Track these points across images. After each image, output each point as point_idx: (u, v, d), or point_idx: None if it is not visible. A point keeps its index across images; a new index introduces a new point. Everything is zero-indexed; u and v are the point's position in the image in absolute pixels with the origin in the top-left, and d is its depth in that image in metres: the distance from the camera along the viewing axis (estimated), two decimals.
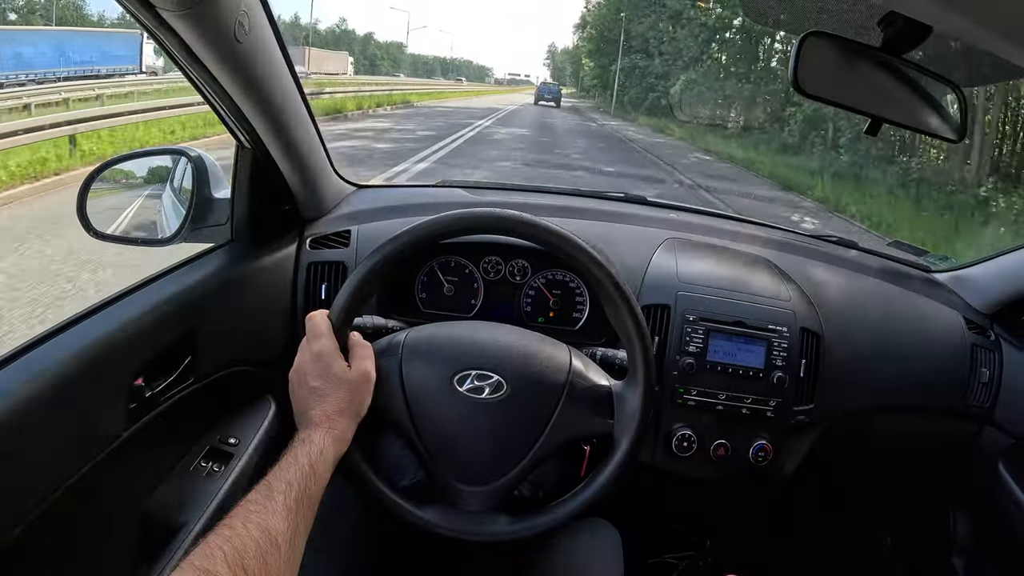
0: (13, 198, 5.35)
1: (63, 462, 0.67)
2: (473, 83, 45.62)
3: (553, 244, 0.77)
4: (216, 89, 0.80)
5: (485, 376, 0.76)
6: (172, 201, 1.07)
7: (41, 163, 6.02)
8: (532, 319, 1.14)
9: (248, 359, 0.99)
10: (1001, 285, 1.22)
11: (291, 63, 0.89)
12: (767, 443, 1.01)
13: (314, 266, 1.07)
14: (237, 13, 0.71)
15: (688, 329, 1.01)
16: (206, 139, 7.98)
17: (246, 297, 0.99)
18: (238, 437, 0.95)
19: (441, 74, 72.08)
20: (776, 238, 1.31)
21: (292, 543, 0.57)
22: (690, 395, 1.00)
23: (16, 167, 5.72)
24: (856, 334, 1.12)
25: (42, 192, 5.60)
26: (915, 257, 1.39)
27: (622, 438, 0.77)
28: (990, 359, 1.18)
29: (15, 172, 5.68)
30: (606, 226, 1.22)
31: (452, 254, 1.13)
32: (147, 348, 0.79)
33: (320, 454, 0.65)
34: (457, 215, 0.77)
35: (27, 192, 5.54)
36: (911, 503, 1.41)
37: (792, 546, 1.46)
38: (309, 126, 1.00)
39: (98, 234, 0.96)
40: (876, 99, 0.74)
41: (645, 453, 1.03)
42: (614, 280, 0.76)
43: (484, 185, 1.46)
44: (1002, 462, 1.17)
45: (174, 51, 0.72)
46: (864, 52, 0.69)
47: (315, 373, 0.71)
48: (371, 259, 0.75)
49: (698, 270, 1.10)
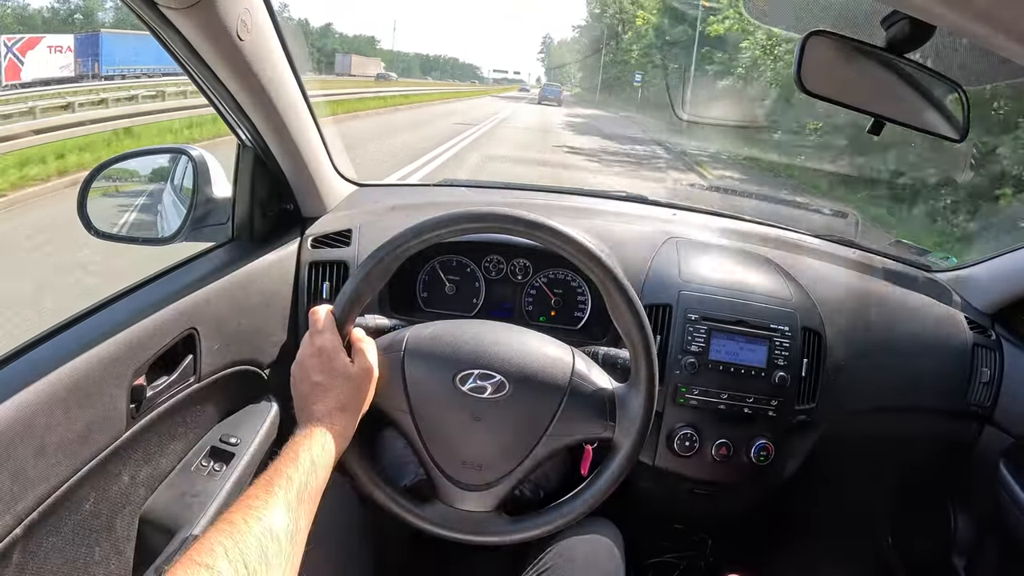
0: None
1: (64, 461, 0.67)
2: (441, 83, 43.81)
3: (556, 243, 0.77)
4: (217, 87, 0.80)
5: (488, 375, 0.76)
6: (173, 200, 1.07)
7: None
8: (534, 318, 1.14)
9: (249, 359, 0.99)
10: (1003, 285, 1.22)
11: (293, 61, 0.88)
12: (768, 443, 1.01)
13: (315, 265, 1.07)
14: (239, 11, 0.71)
15: (690, 328, 1.01)
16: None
17: (247, 296, 0.99)
18: (239, 437, 0.95)
19: (421, 73, 70.22)
20: (777, 237, 1.31)
21: (293, 538, 0.56)
22: (692, 395, 1.00)
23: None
24: (858, 334, 1.12)
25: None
26: (917, 257, 1.39)
27: (624, 441, 0.77)
28: (991, 359, 1.18)
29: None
30: (607, 225, 1.21)
31: (453, 253, 1.13)
32: (148, 348, 0.79)
33: (321, 450, 0.65)
34: (460, 213, 0.77)
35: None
36: (912, 503, 1.41)
37: (793, 546, 1.46)
38: (311, 125, 0.99)
39: (99, 233, 0.96)
40: (879, 98, 0.74)
41: (646, 453, 1.03)
42: (617, 280, 0.76)
43: (486, 184, 1.46)
44: (1003, 462, 1.17)
45: (176, 49, 0.72)
46: (867, 51, 0.69)
47: (317, 368, 0.71)
48: (375, 256, 0.75)
49: (700, 269, 1.09)
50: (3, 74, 14.80)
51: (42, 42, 16.41)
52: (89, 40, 17.77)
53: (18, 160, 6.25)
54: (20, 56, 15.48)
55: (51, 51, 16.51)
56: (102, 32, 18.38)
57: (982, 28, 0.44)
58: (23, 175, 5.99)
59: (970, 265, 1.31)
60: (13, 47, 15.41)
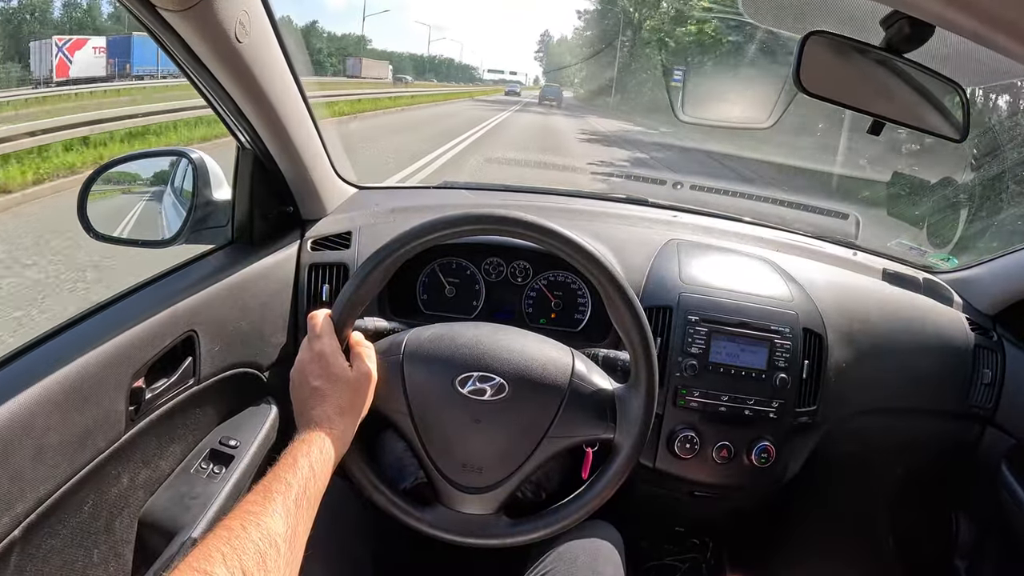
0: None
1: (63, 463, 0.67)
2: (420, 84, 43.08)
3: (556, 245, 0.77)
4: (216, 89, 0.80)
5: (487, 378, 0.75)
6: (173, 202, 1.07)
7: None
8: (534, 320, 1.14)
9: (249, 361, 0.98)
10: (1004, 286, 1.22)
11: (292, 63, 0.88)
12: (769, 444, 1.01)
13: (315, 267, 1.07)
14: (238, 13, 0.71)
15: (690, 330, 1.01)
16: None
17: (247, 299, 0.99)
18: (239, 439, 0.95)
19: (415, 74, 69.42)
20: (778, 239, 1.31)
21: (291, 544, 0.56)
22: (692, 396, 1.00)
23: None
24: (858, 335, 1.12)
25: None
26: (917, 258, 1.39)
27: (624, 443, 0.76)
28: (993, 360, 1.18)
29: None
30: (608, 227, 1.21)
31: (453, 255, 1.13)
32: (147, 350, 0.79)
33: (320, 454, 0.65)
34: (460, 215, 0.77)
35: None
36: (913, 504, 1.41)
37: (795, 548, 1.45)
38: (310, 127, 0.99)
39: (99, 235, 0.96)
40: (878, 98, 0.74)
41: (647, 455, 1.03)
42: (617, 282, 0.76)
43: (486, 186, 1.46)
44: (1004, 463, 1.16)
45: (174, 51, 0.72)
46: (866, 51, 0.69)
47: (316, 372, 0.71)
48: (373, 259, 0.75)
49: (700, 271, 1.09)
50: (54, 72, 16.49)
51: (88, 43, 17.94)
52: (120, 42, 18.87)
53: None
54: (69, 56, 17.10)
55: (95, 52, 18.10)
56: (134, 35, 19.30)
57: (982, 28, 0.44)
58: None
59: (971, 266, 1.31)
60: (64, 47, 17.08)
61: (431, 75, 76.63)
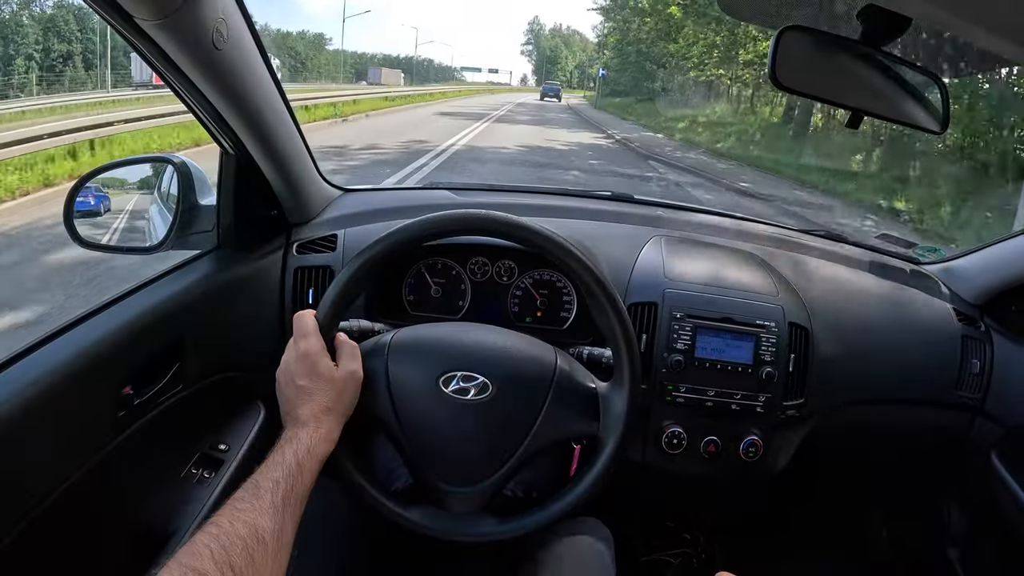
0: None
1: (51, 470, 0.67)
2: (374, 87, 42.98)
3: (537, 244, 0.78)
4: (197, 96, 0.80)
5: (471, 377, 0.76)
6: (159, 209, 1.07)
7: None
8: (520, 319, 1.14)
9: (237, 365, 0.99)
10: (990, 275, 1.23)
11: (272, 68, 0.88)
12: (757, 439, 1.01)
13: (301, 271, 1.07)
14: (215, 21, 0.71)
15: (676, 326, 1.01)
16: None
17: (234, 303, 0.99)
18: (228, 443, 0.95)
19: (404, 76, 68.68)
20: (763, 233, 1.31)
21: (279, 540, 0.57)
22: (679, 392, 1.00)
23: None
24: (845, 328, 1.12)
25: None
26: (903, 249, 1.40)
27: (608, 439, 0.77)
28: (981, 350, 1.19)
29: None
30: (593, 225, 1.22)
31: (439, 256, 1.13)
32: (135, 355, 0.79)
33: (307, 452, 0.65)
34: (442, 216, 0.77)
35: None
36: (905, 496, 1.42)
37: (787, 541, 1.46)
38: (292, 131, 0.99)
39: (85, 243, 0.96)
40: (857, 92, 0.74)
41: (635, 451, 1.03)
42: (598, 279, 0.76)
43: (471, 186, 1.46)
44: (995, 452, 1.17)
45: (153, 59, 0.72)
46: (843, 45, 0.69)
47: (302, 372, 0.71)
48: (357, 260, 0.76)
49: (685, 267, 1.10)
50: (153, 77, 17.58)
51: None
52: None
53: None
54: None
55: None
56: None
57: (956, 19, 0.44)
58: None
59: (957, 257, 1.31)
60: None
61: (406, 76, 74.65)
